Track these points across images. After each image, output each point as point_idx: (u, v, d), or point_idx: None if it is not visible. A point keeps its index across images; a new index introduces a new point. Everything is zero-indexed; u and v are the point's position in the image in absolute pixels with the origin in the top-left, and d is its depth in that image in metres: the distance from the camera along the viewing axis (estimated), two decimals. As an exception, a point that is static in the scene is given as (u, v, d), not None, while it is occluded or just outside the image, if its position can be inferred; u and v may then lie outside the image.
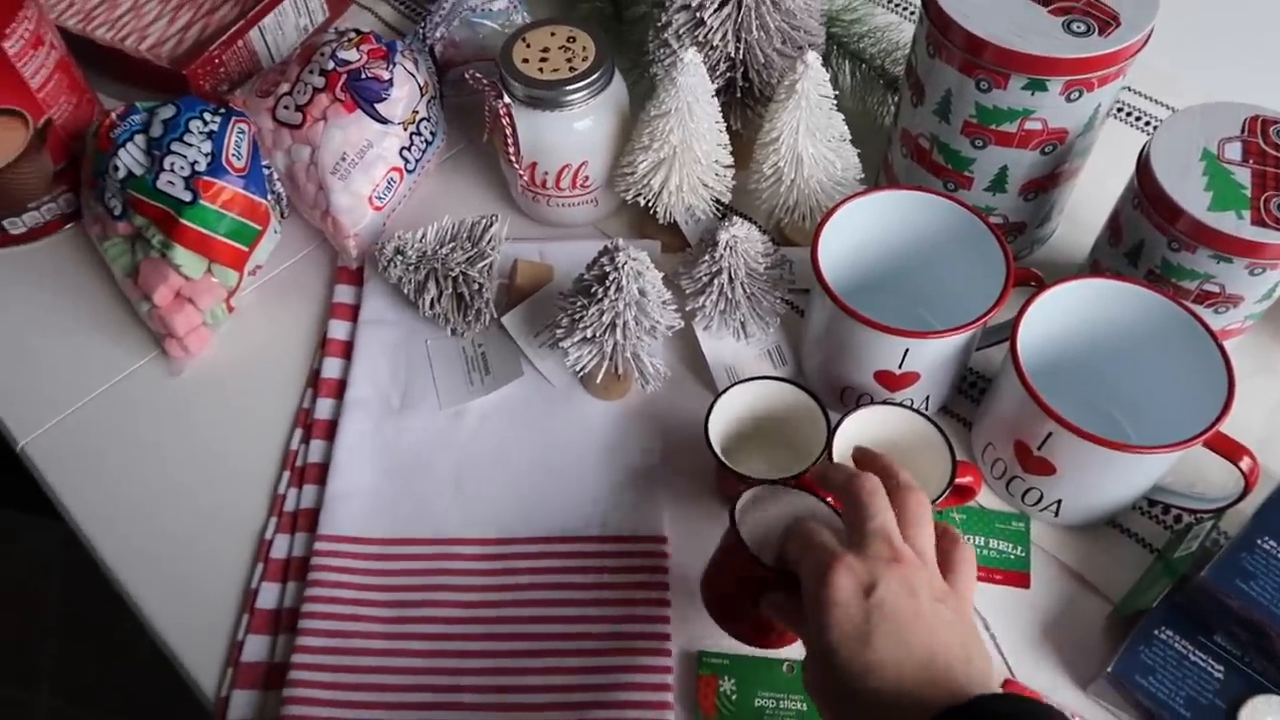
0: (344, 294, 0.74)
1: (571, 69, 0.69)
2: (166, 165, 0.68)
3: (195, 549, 0.64)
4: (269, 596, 0.62)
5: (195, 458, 0.68)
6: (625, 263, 0.60)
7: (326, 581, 0.61)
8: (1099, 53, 0.59)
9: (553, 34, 0.71)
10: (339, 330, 0.72)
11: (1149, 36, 0.60)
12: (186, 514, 0.65)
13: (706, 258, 0.65)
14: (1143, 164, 0.60)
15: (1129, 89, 0.85)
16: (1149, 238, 0.61)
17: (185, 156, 0.68)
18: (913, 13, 0.93)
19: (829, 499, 0.53)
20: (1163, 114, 0.83)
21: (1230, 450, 0.56)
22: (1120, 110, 0.84)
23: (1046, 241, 0.76)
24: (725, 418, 0.62)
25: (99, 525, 0.65)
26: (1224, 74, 0.83)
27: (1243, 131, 0.61)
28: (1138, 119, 0.84)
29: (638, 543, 0.62)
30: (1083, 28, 0.60)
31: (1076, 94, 0.61)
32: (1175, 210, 0.58)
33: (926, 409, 0.65)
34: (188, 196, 0.68)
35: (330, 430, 0.67)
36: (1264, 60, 0.86)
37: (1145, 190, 0.60)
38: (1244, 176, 0.59)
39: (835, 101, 0.67)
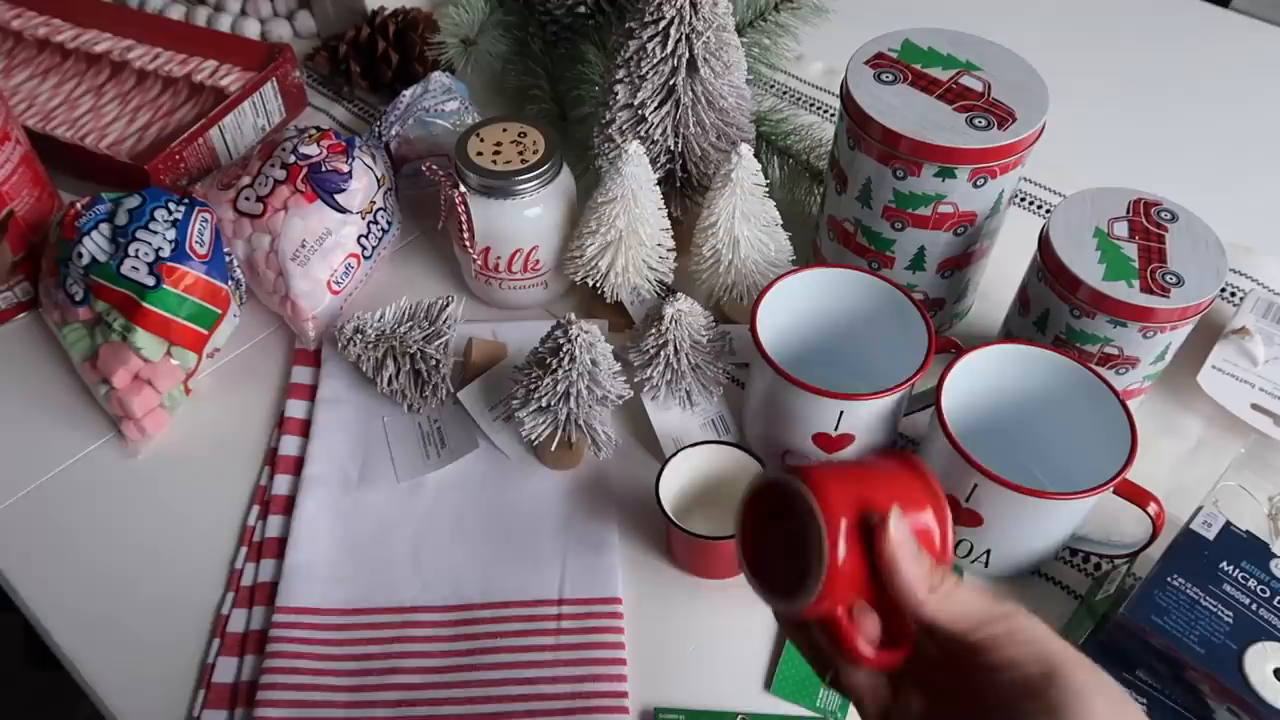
0: (301, 375, 0.76)
1: (523, 160, 0.74)
2: (131, 251, 0.70)
3: (151, 628, 0.64)
4: (226, 671, 0.62)
5: (151, 538, 0.68)
6: (578, 335, 0.63)
7: (285, 653, 0.61)
8: (999, 144, 0.66)
9: (504, 130, 0.76)
10: (297, 409, 0.74)
11: (1042, 130, 0.68)
12: (142, 593, 0.65)
13: (653, 331, 0.69)
14: (1044, 240, 0.67)
15: (1028, 180, 0.94)
16: (1053, 306, 0.67)
17: (150, 243, 0.71)
18: (829, 113, 1.01)
19: None
20: (1057, 201, 0.92)
21: (1138, 497, 0.60)
22: (1020, 198, 0.92)
23: (965, 316, 0.83)
24: (674, 481, 0.66)
25: (52, 605, 0.65)
26: (1108, 164, 0.93)
27: (1128, 212, 0.68)
28: (1037, 206, 0.92)
29: (594, 605, 0.64)
30: (983, 123, 0.67)
31: (982, 180, 0.68)
32: (1075, 281, 0.64)
33: (862, 470, 0.69)
34: (151, 281, 0.70)
35: (288, 506, 0.69)
36: (1143, 152, 0.97)
37: (1047, 264, 0.67)
38: (1131, 251, 0.65)
39: (767, 190, 0.73)
